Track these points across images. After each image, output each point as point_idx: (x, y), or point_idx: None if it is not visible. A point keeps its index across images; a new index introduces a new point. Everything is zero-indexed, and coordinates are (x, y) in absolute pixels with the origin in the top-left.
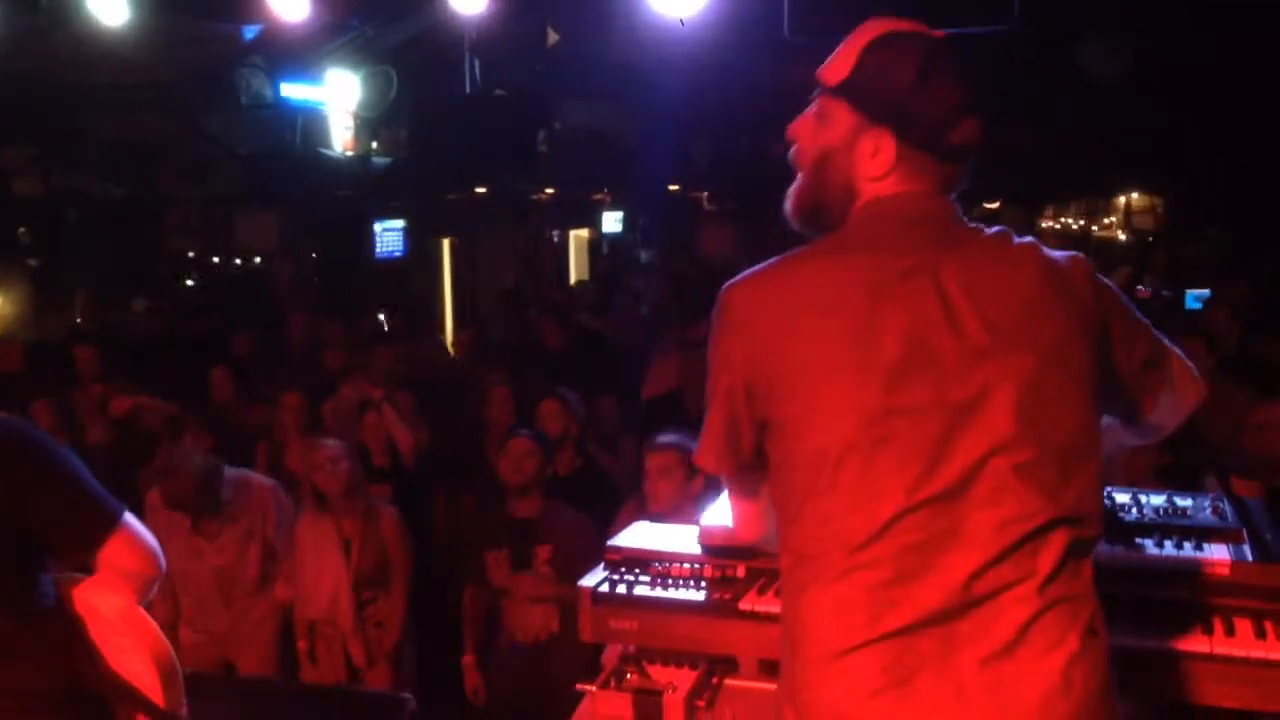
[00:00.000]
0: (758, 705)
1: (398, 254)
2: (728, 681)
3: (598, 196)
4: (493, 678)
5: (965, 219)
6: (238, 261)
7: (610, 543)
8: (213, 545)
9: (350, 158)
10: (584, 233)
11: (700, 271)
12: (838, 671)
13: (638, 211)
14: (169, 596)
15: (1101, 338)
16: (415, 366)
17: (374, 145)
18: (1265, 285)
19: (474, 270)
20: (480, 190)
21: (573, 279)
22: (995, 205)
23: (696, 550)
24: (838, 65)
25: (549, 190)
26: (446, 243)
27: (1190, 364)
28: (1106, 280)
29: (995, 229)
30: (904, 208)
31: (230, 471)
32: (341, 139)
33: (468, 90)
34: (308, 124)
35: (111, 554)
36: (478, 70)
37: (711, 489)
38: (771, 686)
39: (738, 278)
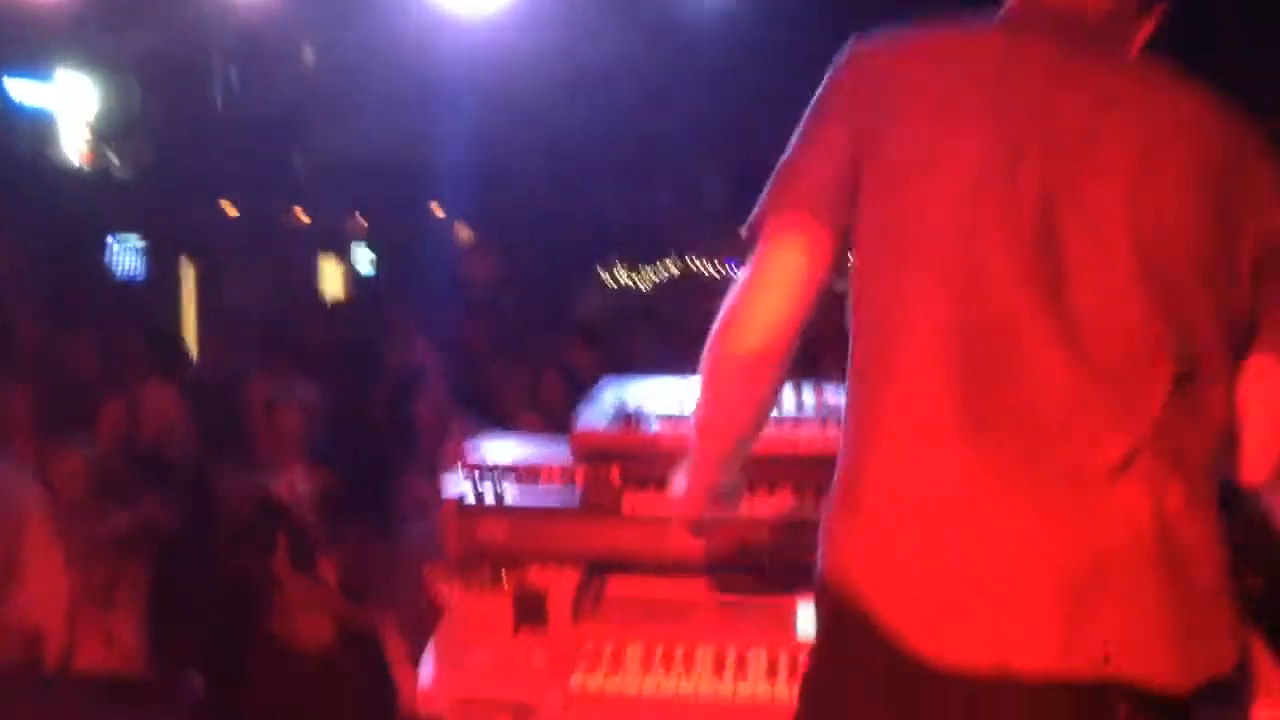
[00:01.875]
0: (641, 606)
1: (137, 276)
2: (611, 579)
3: (352, 223)
4: (270, 691)
5: None
6: None
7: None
8: None
9: (87, 172)
10: (336, 263)
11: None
12: (912, 482)
13: (394, 242)
14: None
15: (1235, 191)
16: None
17: (114, 160)
18: None
19: (219, 295)
20: (229, 210)
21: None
22: None
23: (565, 459)
24: None
25: (304, 218)
26: (190, 266)
27: None
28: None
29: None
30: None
31: None
32: (77, 150)
33: (219, 106)
34: (37, 130)
35: None
36: (233, 84)
37: None
38: (652, 582)
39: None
